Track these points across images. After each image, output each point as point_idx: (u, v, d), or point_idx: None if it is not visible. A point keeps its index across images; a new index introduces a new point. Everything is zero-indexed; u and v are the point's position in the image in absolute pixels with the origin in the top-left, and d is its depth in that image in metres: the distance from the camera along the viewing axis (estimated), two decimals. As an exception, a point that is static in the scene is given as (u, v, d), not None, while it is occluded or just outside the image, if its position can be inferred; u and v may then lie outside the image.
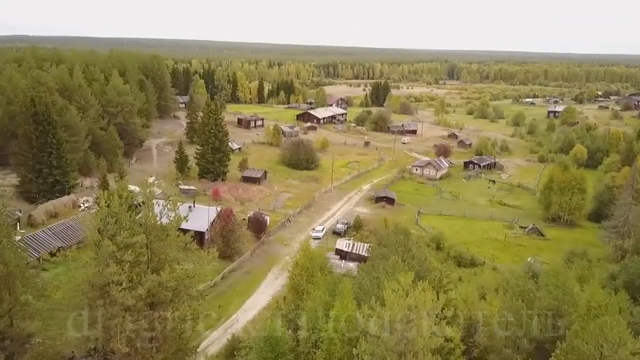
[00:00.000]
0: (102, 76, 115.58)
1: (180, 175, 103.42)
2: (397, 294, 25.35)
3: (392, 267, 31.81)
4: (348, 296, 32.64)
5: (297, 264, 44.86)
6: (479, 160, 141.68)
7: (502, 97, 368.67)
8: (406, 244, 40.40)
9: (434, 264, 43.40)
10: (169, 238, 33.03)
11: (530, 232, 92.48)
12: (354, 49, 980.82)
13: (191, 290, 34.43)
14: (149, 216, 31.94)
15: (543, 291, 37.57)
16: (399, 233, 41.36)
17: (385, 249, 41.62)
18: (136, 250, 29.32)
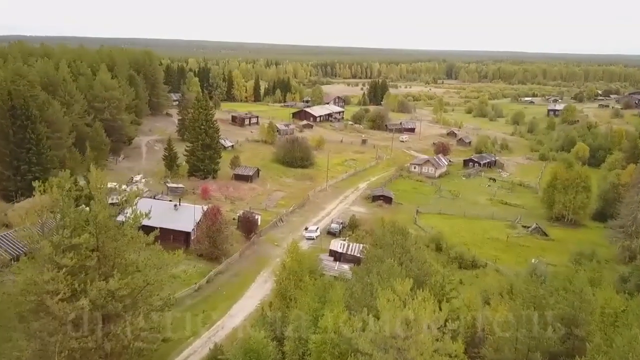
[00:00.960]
0: (89, 71, 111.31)
1: (169, 173, 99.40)
2: (392, 304, 21.48)
3: (388, 272, 27.98)
4: (339, 304, 28.72)
5: (284, 267, 40.95)
6: (478, 158, 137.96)
7: (500, 96, 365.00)
8: (404, 245, 36.56)
9: (435, 267, 39.48)
10: (125, 238, 28.79)
11: (533, 232, 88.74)
12: (352, 49, 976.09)
13: (152, 299, 30.28)
14: (98, 212, 27.73)
15: (556, 297, 33.71)
16: (395, 233, 37.51)
17: (380, 250, 37.77)
18: (81, 253, 25.23)
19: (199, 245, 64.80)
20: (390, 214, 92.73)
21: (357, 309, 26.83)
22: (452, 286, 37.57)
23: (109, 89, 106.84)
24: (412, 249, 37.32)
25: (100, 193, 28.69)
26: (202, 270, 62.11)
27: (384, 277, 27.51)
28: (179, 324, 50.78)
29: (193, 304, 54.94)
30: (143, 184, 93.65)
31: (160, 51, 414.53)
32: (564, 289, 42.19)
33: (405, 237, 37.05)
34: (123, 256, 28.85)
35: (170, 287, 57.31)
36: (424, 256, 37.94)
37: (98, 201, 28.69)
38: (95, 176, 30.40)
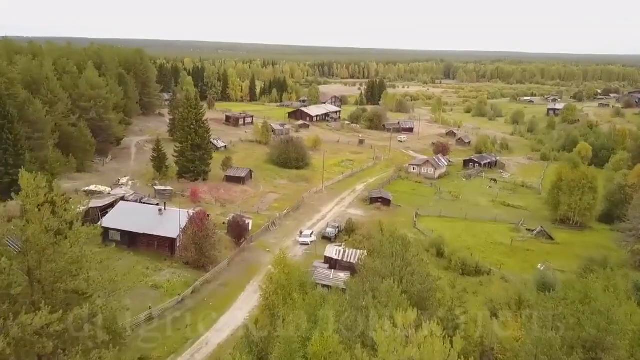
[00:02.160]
0: (75, 69, 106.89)
1: (158, 174, 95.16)
2: (392, 339, 17.42)
3: (386, 295, 23.92)
4: (329, 328, 24.61)
5: (272, 280, 36.83)
6: (479, 158, 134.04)
7: (499, 96, 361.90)
8: (404, 257, 32.50)
9: (440, 282, 35.33)
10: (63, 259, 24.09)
11: (538, 236, 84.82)
12: (350, 50, 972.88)
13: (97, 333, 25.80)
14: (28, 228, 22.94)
15: (578, 315, 29.61)
16: (395, 242, 33.47)
17: (378, 262, 33.71)
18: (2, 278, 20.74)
19: (185, 252, 60.64)
20: (389, 217, 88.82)
21: (350, 337, 22.80)
22: (463, 309, 33.46)
23: (96, 88, 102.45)
24: (414, 260, 33.34)
25: (32, 204, 24.11)
26: (187, 279, 57.99)
27: (382, 301, 23.45)
28: (159, 340, 46.87)
29: (176, 317, 50.74)
30: (130, 186, 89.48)
31: (157, 52, 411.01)
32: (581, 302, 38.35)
33: (406, 247, 33.11)
34: (64, 280, 24.35)
35: (151, 299, 54.11)
36: (427, 270, 33.93)
37: (30, 214, 24.25)
38: (27, 182, 25.86)
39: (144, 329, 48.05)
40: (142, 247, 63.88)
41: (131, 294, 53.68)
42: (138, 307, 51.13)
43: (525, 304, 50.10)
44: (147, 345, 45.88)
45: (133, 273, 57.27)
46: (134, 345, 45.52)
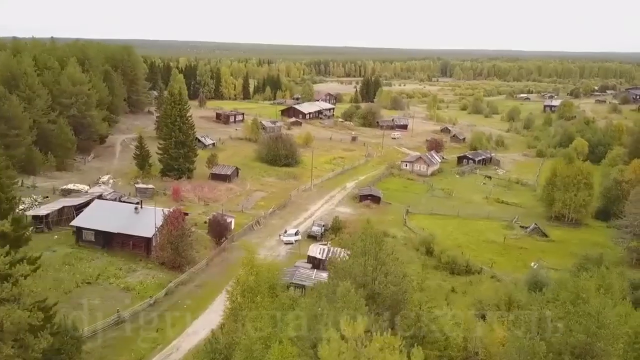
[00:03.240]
0: (56, 64, 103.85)
1: (141, 173, 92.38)
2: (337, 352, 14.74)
3: (343, 300, 21.12)
4: (286, 336, 21.91)
5: (239, 282, 34.12)
6: (473, 155, 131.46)
7: (496, 93, 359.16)
8: (378, 256, 29.79)
9: (416, 283, 32.53)
10: None
11: (532, 233, 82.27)
12: (347, 49, 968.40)
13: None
14: None
15: (567, 319, 26.94)
16: (367, 239, 30.75)
17: (350, 261, 31.02)
18: None
19: (161, 252, 57.87)
20: (378, 215, 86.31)
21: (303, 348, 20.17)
22: (431, 315, 30.70)
23: (77, 84, 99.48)
24: (388, 260, 30.65)
25: None
26: (162, 280, 55.23)
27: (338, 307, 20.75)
28: (126, 346, 44.14)
29: (146, 320, 47.93)
30: (111, 184, 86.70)
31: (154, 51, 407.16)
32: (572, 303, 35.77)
33: (379, 245, 30.41)
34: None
35: (121, 302, 51.36)
36: (403, 271, 31.19)
37: None
38: None
39: (110, 333, 45.38)
40: (117, 247, 61.13)
41: (100, 297, 51.55)
42: (107, 311, 48.55)
43: (515, 304, 47.63)
44: (111, 351, 43.23)
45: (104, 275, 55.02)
46: (97, 352, 42.98)
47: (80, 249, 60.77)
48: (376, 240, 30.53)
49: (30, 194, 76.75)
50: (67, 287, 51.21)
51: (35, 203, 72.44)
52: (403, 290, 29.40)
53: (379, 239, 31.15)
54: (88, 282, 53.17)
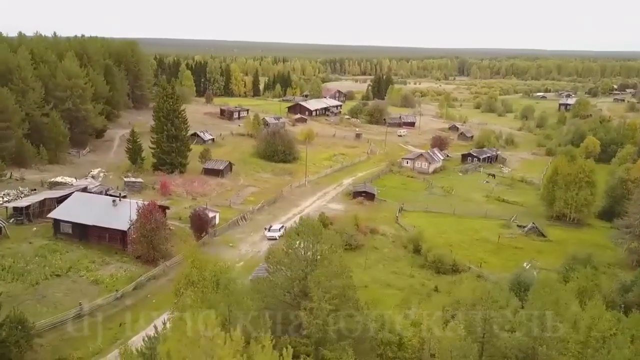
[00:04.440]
0: (53, 57, 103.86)
1: (133, 167, 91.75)
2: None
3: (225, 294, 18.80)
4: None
5: (184, 277, 32.57)
6: (478, 152, 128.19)
7: (512, 92, 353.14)
8: (315, 249, 27.87)
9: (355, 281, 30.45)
10: None
11: (529, 232, 79.23)
12: (365, 48, 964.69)
13: None
14: None
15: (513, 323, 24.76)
16: (304, 229, 28.76)
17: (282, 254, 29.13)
18: None
19: (136, 246, 56.74)
20: (370, 212, 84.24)
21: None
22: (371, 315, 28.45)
23: (73, 77, 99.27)
24: (330, 253, 28.64)
25: None
26: (133, 274, 54.04)
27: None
28: (84, 340, 42.91)
29: (110, 314, 46.80)
30: (101, 178, 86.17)
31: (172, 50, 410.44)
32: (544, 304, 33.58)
33: (317, 237, 28.52)
34: None
35: (88, 295, 50.30)
36: (344, 266, 29.15)
37: None
38: None
39: (70, 327, 44.25)
40: (94, 240, 60.24)
41: (66, 290, 50.59)
42: (70, 304, 47.52)
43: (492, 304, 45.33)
44: (68, 345, 42.09)
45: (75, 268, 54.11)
46: (53, 345, 41.88)
47: (57, 242, 60.03)
48: (314, 232, 28.69)
49: (18, 186, 76.70)
50: (35, 279, 50.35)
51: (21, 195, 72.19)
52: (342, 285, 27.50)
53: (317, 229, 29.30)
54: (57, 275, 52.26)
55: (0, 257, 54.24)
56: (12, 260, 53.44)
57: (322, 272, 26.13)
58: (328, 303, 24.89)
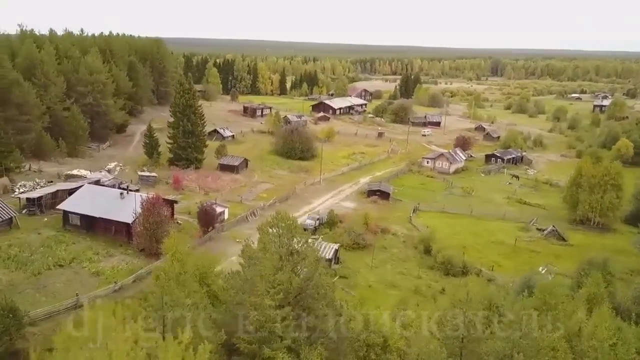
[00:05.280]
0: (77, 53, 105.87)
1: (149, 161, 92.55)
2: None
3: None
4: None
5: (165, 272, 31.97)
6: (502, 153, 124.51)
7: (546, 93, 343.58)
8: (289, 246, 26.69)
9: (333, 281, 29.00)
10: None
11: (548, 236, 76.16)
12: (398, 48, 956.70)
13: None
14: None
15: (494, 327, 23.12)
16: (277, 223, 27.65)
17: (253, 251, 28.08)
18: None
19: (140, 239, 56.82)
20: (383, 211, 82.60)
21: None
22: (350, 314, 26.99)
23: (94, 72, 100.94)
24: (303, 249, 27.42)
25: None
26: (136, 267, 54.06)
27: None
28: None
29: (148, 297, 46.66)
30: (117, 172, 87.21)
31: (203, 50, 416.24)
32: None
33: (292, 233, 27.32)
34: None
35: (87, 287, 50.52)
36: (318, 267, 27.72)
37: None
38: None
39: (65, 317, 44.33)
40: (100, 232, 60.69)
41: (67, 280, 50.92)
42: (69, 295, 47.73)
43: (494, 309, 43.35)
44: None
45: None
46: (46, 335, 41.99)
47: (65, 233, 60.71)
48: (288, 226, 27.58)
49: (35, 178, 78.24)
50: (37, 269, 50.87)
51: (36, 187, 73.52)
52: (314, 285, 26.29)
53: (292, 225, 28.16)
54: (60, 265, 52.68)
55: (8, 246, 55.15)
56: (18, 250, 54.23)
57: (266, 265, 24.99)
58: (271, 299, 23.87)
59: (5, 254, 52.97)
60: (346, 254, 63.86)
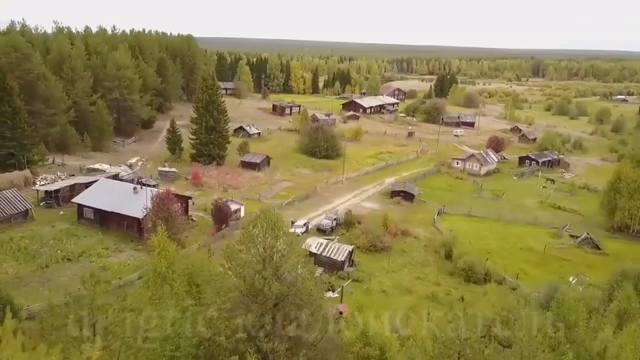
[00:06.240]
0: (105, 49, 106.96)
1: (171, 157, 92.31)
2: None
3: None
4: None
5: (155, 271, 30.49)
6: (537, 156, 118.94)
7: (590, 94, 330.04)
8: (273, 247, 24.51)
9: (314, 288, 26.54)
10: None
11: (581, 243, 71.44)
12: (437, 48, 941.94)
13: None
14: None
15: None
16: (261, 223, 25.56)
17: (237, 250, 26.06)
18: None
19: (150, 234, 55.78)
20: (406, 213, 79.55)
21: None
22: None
23: (121, 68, 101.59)
24: (287, 251, 25.21)
25: None
26: (143, 263, 53.13)
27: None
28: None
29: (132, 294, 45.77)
30: (139, 167, 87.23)
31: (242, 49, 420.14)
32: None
33: (274, 231, 25.14)
34: None
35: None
36: (302, 266, 25.45)
37: None
38: None
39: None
40: (113, 227, 60.26)
41: (73, 275, 50.33)
42: (74, 288, 47.00)
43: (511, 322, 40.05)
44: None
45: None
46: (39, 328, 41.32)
47: (78, 226, 60.58)
48: (272, 225, 25.48)
49: (57, 171, 78.90)
50: (45, 262, 50.58)
51: (57, 180, 73.99)
52: (294, 292, 24.07)
53: (277, 224, 26.05)
54: (69, 259, 52.34)
55: (20, 238, 55.26)
56: (29, 242, 54.22)
57: (244, 268, 22.77)
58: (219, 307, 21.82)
59: (16, 246, 53.04)
60: (362, 257, 61.33)
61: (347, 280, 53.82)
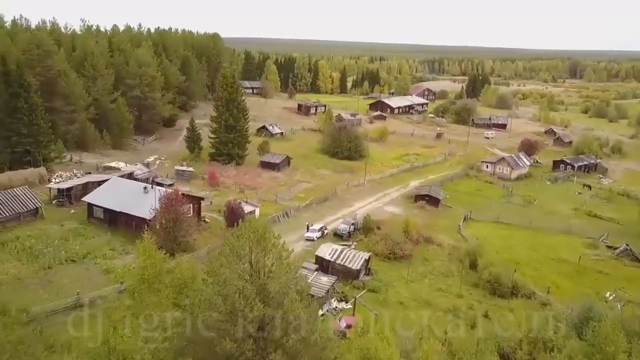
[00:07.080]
0: (128, 47, 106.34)
1: (190, 156, 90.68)
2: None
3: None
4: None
5: (138, 275, 27.98)
6: (573, 160, 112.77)
7: (630, 97, 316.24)
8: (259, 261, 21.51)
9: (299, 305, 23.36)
10: None
11: (620, 255, 66.21)
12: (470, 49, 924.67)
13: None
14: None
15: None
16: (243, 235, 22.57)
17: (218, 264, 23.15)
18: None
19: (157, 236, 53.68)
20: (430, 218, 75.59)
21: None
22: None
23: (143, 66, 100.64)
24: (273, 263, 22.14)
25: None
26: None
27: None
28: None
29: (108, 307, 43.63)
30: (156, 165, 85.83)
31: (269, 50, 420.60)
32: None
33: (263, 247, 22.09)
34: None
35: (93, 285, 47.86)
36: (291, 282, 22.42)
37: None
38: None
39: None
40: (122, 227, 58.48)
41: (75, 277, 48.54)
42: (74, 292, 45.17)
43: (539, 346, 36.12)
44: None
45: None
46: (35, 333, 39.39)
47: (87, 226, 59.05)
48: (257, 237, 22.51)
49: (74, 169, 78.00)
50: (49, 263, 48.94)
51: (73, 178, 72.98)
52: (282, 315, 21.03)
53: (263, 236, 23.03)
54: (73, 260, 50.58)
55: (27, 237, 53.90)
56: (35, 242, 52.79)
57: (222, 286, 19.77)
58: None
59: (21, 245, 51.64)
60: (380, 265, 57.83)
61: (362, 291, 50.50)
